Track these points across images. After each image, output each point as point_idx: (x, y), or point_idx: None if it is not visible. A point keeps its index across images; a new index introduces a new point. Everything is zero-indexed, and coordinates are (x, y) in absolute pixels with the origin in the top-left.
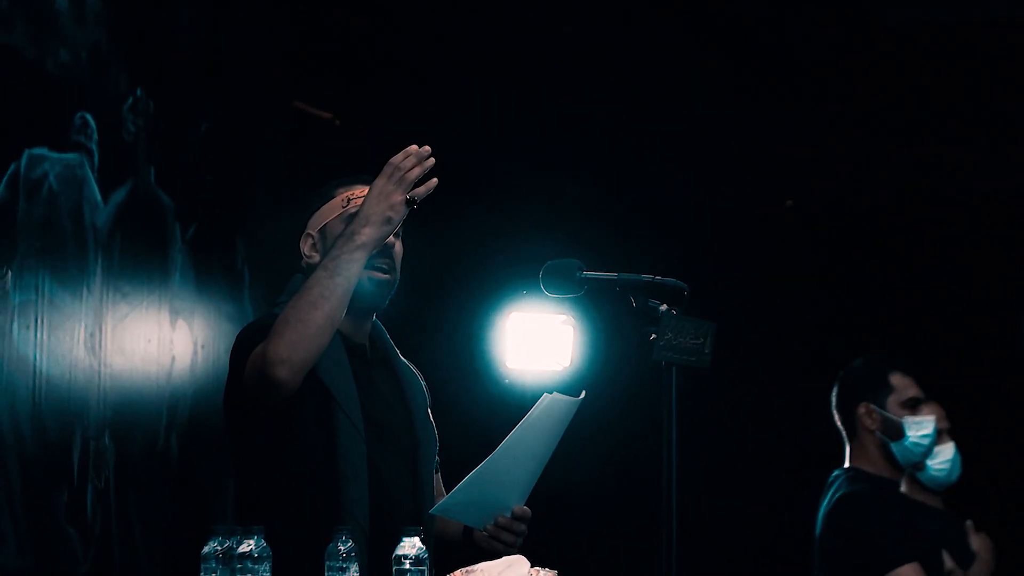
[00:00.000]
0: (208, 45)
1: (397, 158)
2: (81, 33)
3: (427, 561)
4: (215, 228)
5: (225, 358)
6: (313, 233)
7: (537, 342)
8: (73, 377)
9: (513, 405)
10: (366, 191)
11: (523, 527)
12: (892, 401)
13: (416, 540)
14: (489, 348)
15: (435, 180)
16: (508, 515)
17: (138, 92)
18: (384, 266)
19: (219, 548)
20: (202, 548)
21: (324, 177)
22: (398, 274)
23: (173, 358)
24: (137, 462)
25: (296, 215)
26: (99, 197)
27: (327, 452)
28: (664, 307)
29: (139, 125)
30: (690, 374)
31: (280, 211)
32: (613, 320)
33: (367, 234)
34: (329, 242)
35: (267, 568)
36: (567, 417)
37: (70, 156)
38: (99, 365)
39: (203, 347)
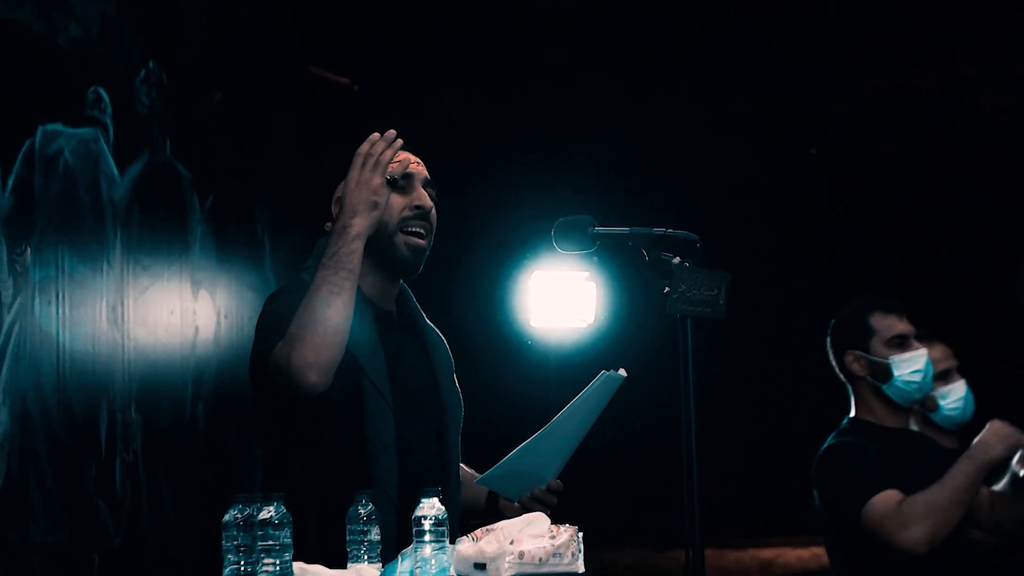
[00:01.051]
0: (219, 14)
1: (364, 147)
2: (91, 7)
3: (446, 522)
4: (233, 197)
5: (249, 327)
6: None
7: (560, 300)
8: (97, 351)
9: (537, 364)
10: (408, 156)
11: (555, 500)
12: (876, 343)
13: (435, 501)
14: (512, 307)
15: (409, 156)
16: (543, 487)
17: (150, 64)
18: (421, 230)
19: (239, 516)
20: (223, 517)
21: (340, 142)
22: (432, 237)
23: (196, 328)
24: (164, 433)
25: (322, 178)
26: (115, 171)
27: (355, 423)
28: (677, 260)
29: (153, 97)
30: (708, 325)
31: (298, 177)
32: (635, 275)
33: (358, 224)
34: None
35: (288, 534)
36: (611, 393)
37: (85, 131)
38: (122, 338)
39: (226, 317)
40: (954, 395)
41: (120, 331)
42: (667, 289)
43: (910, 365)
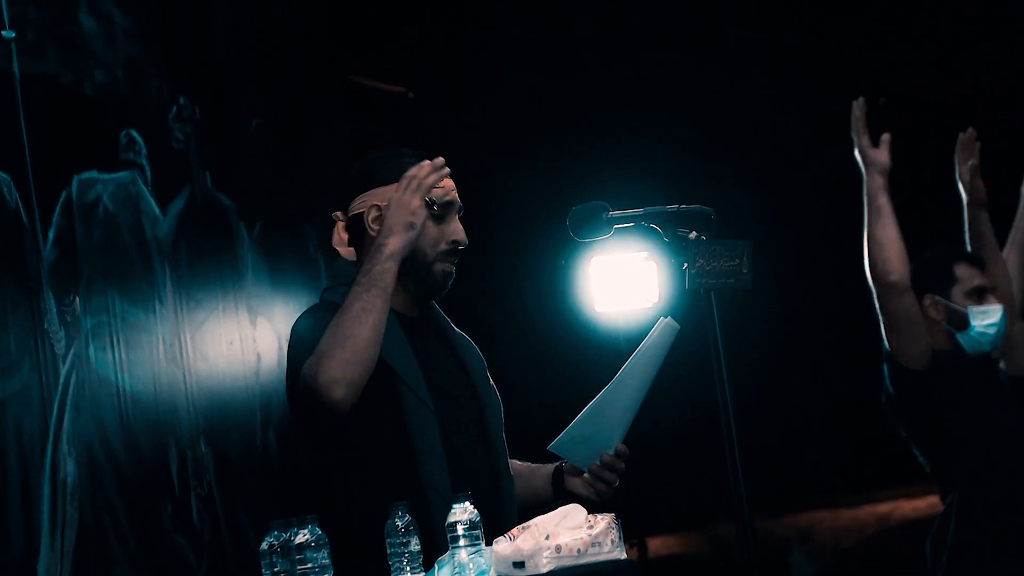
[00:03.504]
0: (246, 40)
1: (413, 171)
2: (114, 51)
3: (480, 525)
4: (282, 220)
5: None
6: (382, 206)
7: (623, 283)
8: (158, 390)
9: (607, 349)
10: (446, 181)
11: (623, 465)
12: (957, 291)
13: (467, 505)
14: (575, 295)
15: (449, 183)
16: (612, 452)
17: (181, 100)
18: (455, 262)
19: (275, 543)
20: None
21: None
22: None
23: (259, 355)
24: (237, 463)
25: (352, 175)
26: (157, 210)
27: (398, 430)
28: (693, 235)
29: (187, 132)
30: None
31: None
32: None
33: (393, 243)
34: None
35: (326, 555)
36: (668, 346)
37: (121, 175)
38: (183, 374)
39: (287, 340)
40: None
41: (180, 367)
42: (685, 265)
43: (986, 317)
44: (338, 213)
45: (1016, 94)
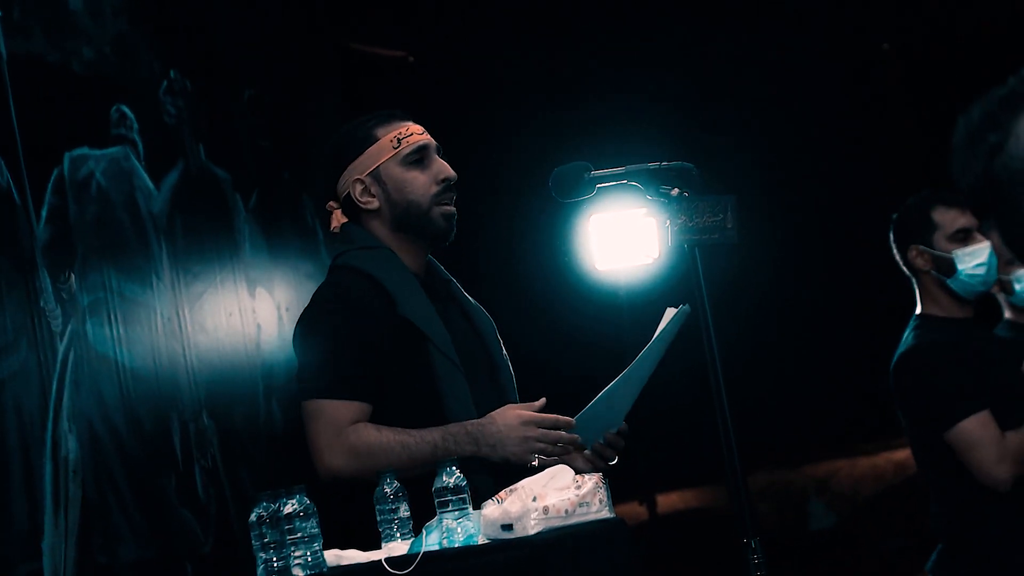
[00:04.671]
0: (236, 10)
1: (567, 436)
2: (102, 27)
3: (466, 489)
4: (279, 190)
5: None
6: (363, 178)
7: (623, 240)
8: (158, 364)
9: (608, 305)
10: (411, 128)
11: (623, 444)
12: (939, 237)
13: (453, 469)
14: (576, 252)
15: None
16: (615, 432)
17: (172, 74)
18: (452, 199)
19: (264, 513)
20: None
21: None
22: None
23: (259, 326)
24: (241, 434)
25: (326, 162)
26: (151, 184)
27: (431, 393)
28: (675, 191)
29: (179, 106)
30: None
31: None
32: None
33: (487, 453)
34: (388, 187)
35: (315, 524)
36: (677, 330)
37: (113, 150)
38: (183, 348)
39: (287, 310)
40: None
41: (179, 341)
42: (667, 222)
43: (974, 259)
44: (332, 203)
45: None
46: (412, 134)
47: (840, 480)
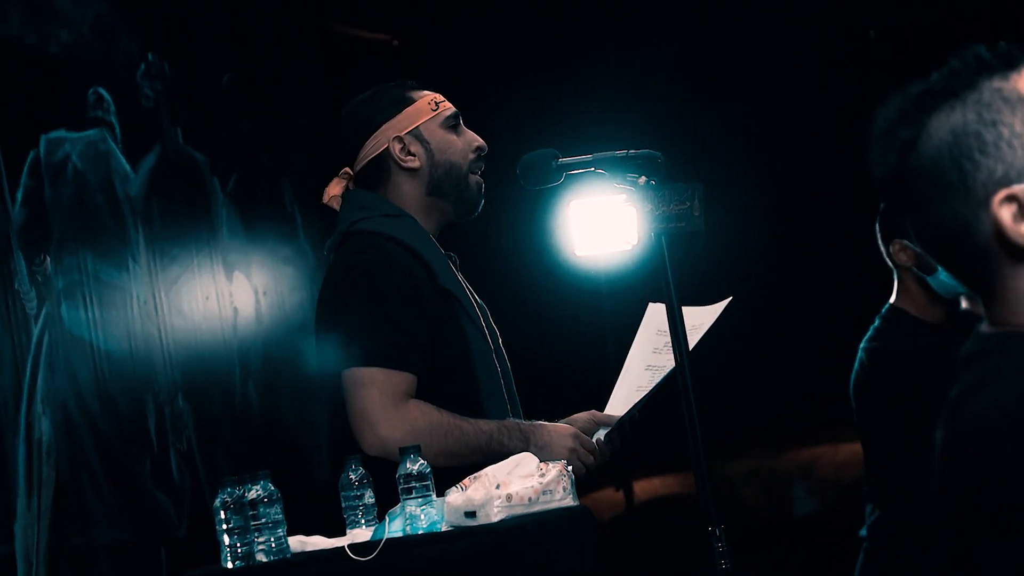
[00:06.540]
0: None
1: (595, 463)
2: (80, 9)
3: (430, 476)
4: (257, 174)
5: (290, 300)
6: (404, 136)
7: (602, 226)
8: (134, 347)
9: (589, 291)
10: (436, 97)
11: (619, 445)
12: None
13: (416, 456)
14: (554, 239)
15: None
16: (612, 433)
17: (150, 57)
18: (481, 170)
19: (228, 499)
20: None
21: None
22: None
23: (236, 310)
24: (217, 418)
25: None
26: (127, 167)
27: (466, 369)
28: (642, 179)
29: (157, 89)
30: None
31: (327, 144)
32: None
33: (534, 453)
34: (432, 145)
35: (279, 510)
36: (658, 324)
37: (90, 133)
38: (159, 331)
39: (265, 294)
40: None
41: (155, 324)
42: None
43: None
44: (347, 170)
45: (1005, 23)
46: (444, 100)
47: (823, 465)
